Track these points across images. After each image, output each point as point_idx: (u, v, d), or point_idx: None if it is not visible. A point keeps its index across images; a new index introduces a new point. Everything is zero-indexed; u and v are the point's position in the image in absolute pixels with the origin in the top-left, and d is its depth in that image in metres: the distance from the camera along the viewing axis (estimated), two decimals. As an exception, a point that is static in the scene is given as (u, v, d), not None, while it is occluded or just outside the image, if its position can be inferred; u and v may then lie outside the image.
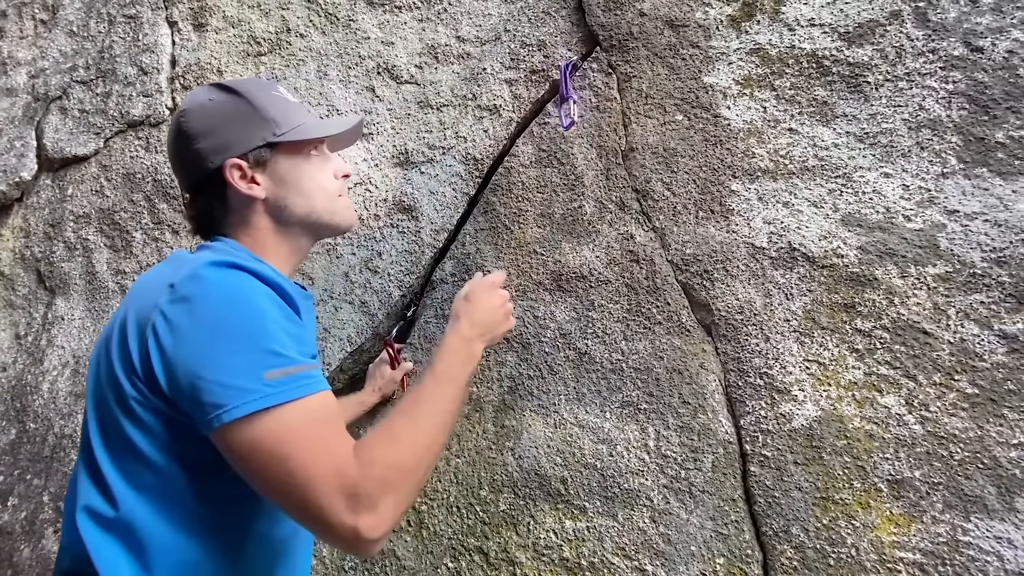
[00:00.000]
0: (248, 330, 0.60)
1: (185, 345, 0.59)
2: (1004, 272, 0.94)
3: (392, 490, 0.58)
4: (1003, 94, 1.01)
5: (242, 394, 0.57)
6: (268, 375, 0.58)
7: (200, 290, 0.61)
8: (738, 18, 1.21)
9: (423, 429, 0.65)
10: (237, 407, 0.56)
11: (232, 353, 0.58)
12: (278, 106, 0.79)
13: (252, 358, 0.58)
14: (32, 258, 1.75)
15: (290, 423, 0.57)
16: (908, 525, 0.89)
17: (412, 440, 0.63)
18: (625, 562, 1.02)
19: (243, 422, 0.56)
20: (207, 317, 0.60)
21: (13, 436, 1.60)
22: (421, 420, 0.66)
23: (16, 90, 1.92)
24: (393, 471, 0.59)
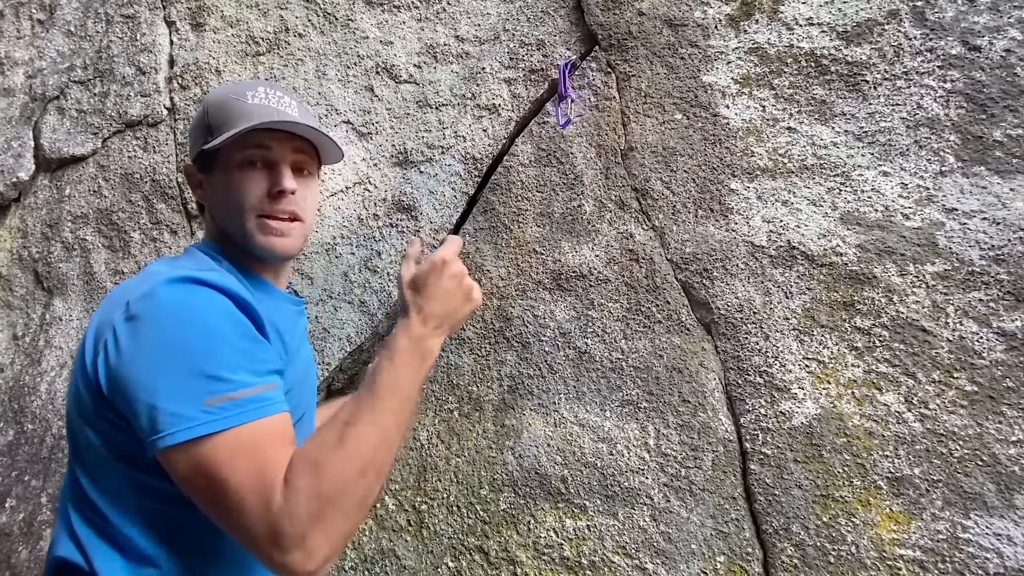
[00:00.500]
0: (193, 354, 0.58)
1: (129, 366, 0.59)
2: (1002, 270, 0.94)
3: (320, 521, 0.55)
4: (1000, 93, 1.01)
5: (180, 420, 0.56)
6: (208, 401, 0.57)
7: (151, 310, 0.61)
8: (737, 17, 1.21)
9: (356, 452, 0.59)
10: (173, 433, 0.56)
11: (174, 378, 0.57)
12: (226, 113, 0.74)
13: (194, 383, 0.57)
14: (30, 258, 1.74)
15: (225, 451, 0.56)
16: (908, 522, 0.90)
17: (341, 467, 0.57)
18: (626, 561, 1.02)
19: (180, 448, 0.56)
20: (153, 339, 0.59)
21: (11, 437, 1.59)
22: (352, 442, 0.59)
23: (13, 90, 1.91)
24: (319, 502, 0.55)
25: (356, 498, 0.58)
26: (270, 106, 0.75)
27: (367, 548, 1.18)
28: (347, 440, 0.59)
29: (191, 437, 0.55)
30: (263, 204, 0.74)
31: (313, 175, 0.81)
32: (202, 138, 0.76)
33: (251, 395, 0.59)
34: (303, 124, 0.74)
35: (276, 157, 0.75)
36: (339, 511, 0.56)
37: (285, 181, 0.74)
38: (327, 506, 0.56)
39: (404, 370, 0.65)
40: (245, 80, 0.91)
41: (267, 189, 0.74)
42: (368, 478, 0.59)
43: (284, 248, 0.75)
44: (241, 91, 0.76)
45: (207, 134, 0.75)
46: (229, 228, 0.75)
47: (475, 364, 1.22)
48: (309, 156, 0.79)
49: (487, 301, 1.25)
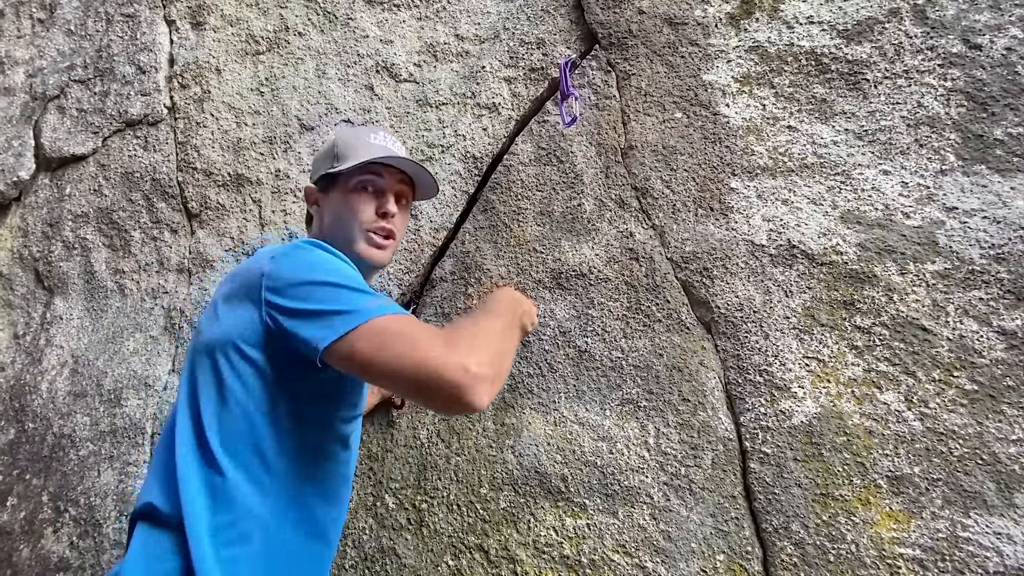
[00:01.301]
0: (344, 279, 0.75)
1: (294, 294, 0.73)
2: (1003, 269, 0.94)
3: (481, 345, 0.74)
4: (1001, 91, 1.01)
5: (349, 315, 0.71)
6: (363, 303, 0.72)
7: (302, 252, 0.78)
8: (737, 16, 1.21)
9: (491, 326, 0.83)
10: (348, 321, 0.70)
11: (335, 292, 0.73)
12: (353, 146, 0.93)
13: (353, 294, 0.73)
14: (30, 258, 1.74)
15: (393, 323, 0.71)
16: (908, 521, 0.90)
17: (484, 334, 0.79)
18: (625, 559, 1.02)
19: (353, 333, 0.70)
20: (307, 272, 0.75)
21: (12, 436, 1.60)
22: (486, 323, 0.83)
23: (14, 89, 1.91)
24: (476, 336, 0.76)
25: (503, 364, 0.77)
26: (387, 147, 0.96)
27: (367, 547, 1.18)
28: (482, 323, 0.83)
29: (365, 319, 0.70)
30: (371, 221, 0.92)
31: (408, 205, 1.00)
32: (328, 163, 0.95)
33: (392, 304, 0.76)
34: (413, 162, 0.95)
35: (384, 186, 0.94)
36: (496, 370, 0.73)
37: (390, 205, 0.93)
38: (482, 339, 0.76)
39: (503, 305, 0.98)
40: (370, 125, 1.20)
41: (375, 210, 0.93)
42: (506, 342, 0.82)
43: (381, 258, 0.93)
44: (367, 132, 0.98)
45: (333, 160, 0.94)
46: (338, 235, 0.92)
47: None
48: (408, 189, 0.99)
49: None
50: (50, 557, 1.45)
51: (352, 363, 0.71)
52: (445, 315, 1.28)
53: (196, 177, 1.59)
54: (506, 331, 0.88)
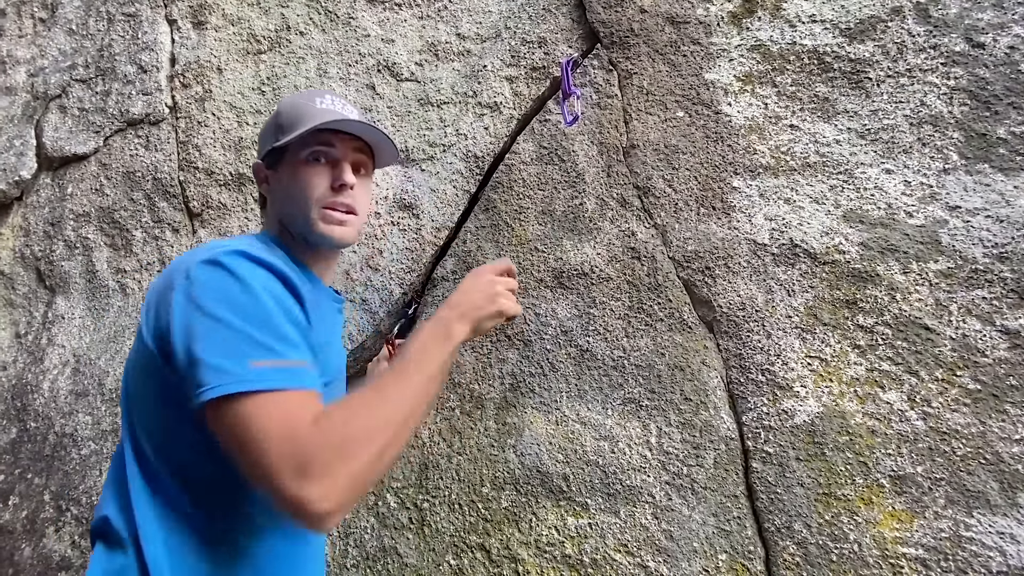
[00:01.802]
0: (245, 319, 0.63)
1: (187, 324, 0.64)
2: (1006, 268, 0.94)
3: (346, 458, 0.58)
4: (1004, 90, 1.01)
5: (225, 376, 0.60)
6: (254, 363, 0.61)
7: (209, 275, 0.66)
8: (739, 15, 1.21)
9: (385, 406, 0.64)
10: (217, 387, 0.60)
11: (225, 337, 0.62)
12: (298, 114, 0.82)
13: (243, 344, 0.62)
14: (32, 257, 1.74)
15: (262, 407, 0.60)
16: (910, 521, 0.89)
17: (372, 413, 0.63)
18: (627, 559, 1.02)
19: (220, 401, 0.60)
20: (210, 302, 0.64)
21: (14, 435, 1.60)
22: (384, 398, 0.65)
23: (15, 89, 1.91)
24: (348, 440, 0.60)
25: (377, 448, 0.61)
26: (336, 110, 0.84)
27: (369, 546, 1.18)
28: (382, 395, 0.66)
29: (233, 392, 0.60)
30: (325, 196, 0.81)
31: (368, 175, 0.89)
32: (273, 137, 0.84)
33: (292, 366, 0.63)
34: (368, 124, 0.83)
35: (339, 155, 0.83)
36: (364, 454, 0.60)
37: (346, 176, 0.82)
38: (357, 446, 0.60)
39: (430, 344, 0.74)
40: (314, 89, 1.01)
41: (329, 183, 0.82)
42: (390, 435, 0.63)
43: (342, 236, 0.82)
44: (311, 97, 0.85)
45: (278, 132, 0.83)
46: (292, 216, 0.82)
47: (476, 362, 1.22)
48: (367, 157, 0.88)
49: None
50: (52, 556, 1.45)
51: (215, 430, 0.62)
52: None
53: (197, 176, 1.59)
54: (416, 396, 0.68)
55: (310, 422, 0.60)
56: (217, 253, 0.68)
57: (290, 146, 0.82)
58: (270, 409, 0.60)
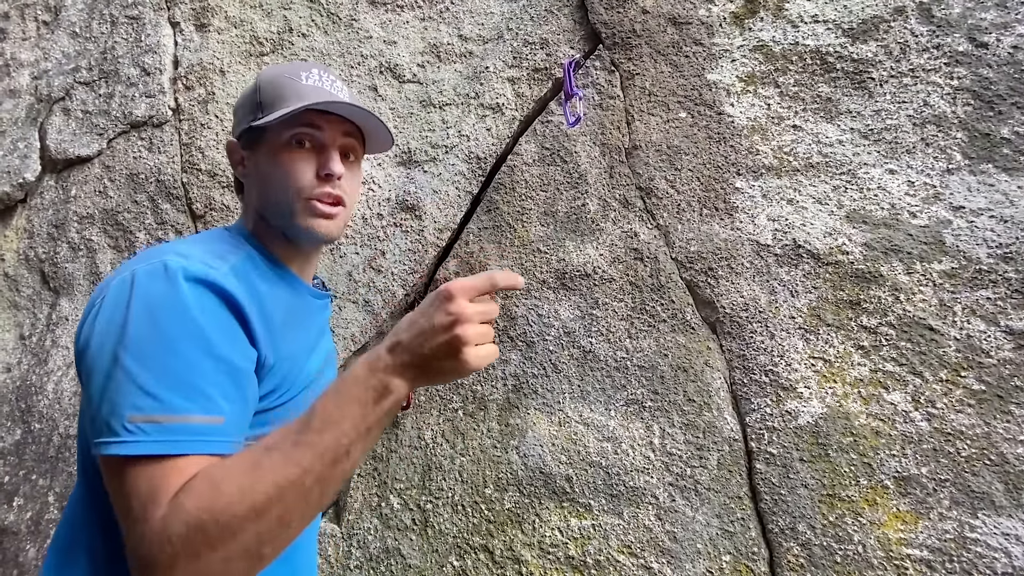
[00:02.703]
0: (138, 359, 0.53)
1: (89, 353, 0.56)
2: (1010, 268, 0.94)
3: (193, 555, 0.46)
4: (1008, 90, 1.00)
5: (107, 431, 0.52)
6: (132, 418, 0.51)
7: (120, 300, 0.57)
8: (741, 15, 1.20)
9: (259, 485, 0.48)
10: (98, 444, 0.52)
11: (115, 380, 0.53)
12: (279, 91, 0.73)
13: (127, 392, 0.52)
14: (36, 259, 1.75)
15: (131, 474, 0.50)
16: (915, 522, 0.89)
17: (237, 497, 0.48)
18: (631, 560, 1.02)
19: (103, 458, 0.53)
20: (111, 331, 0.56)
21: (18, 436, 1.60)
22: (263, 472, 0.49)
23: (19, 91, 1.92)
24: (197, 533, 0.47)
25: (245, 541, 0.48)
26: (324, 88, 0.74)
27: (372, 547, 1.18)
28: (259, 468, 0.49)
29: (107, 453, 0.51)
30: (311, 186, 0.72)
31: (358, 162, 0.79)
32: (251, 114, 0.74)
33: (177, 423, 0.52)
34: (360, 108, 0.73)
35: (326, 140, 0.73)
36: (220, 551, 0.47)
37: (334, 164, 0.72)
38: (207, 541, 0.47)
39: (349, 403, 0.52)
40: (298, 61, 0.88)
41: (315, 171, 0.72)
42: (266, 521, 0.48)
43: (328, 231, 0.73)
44: (295, 71, 0.75)
45: (257, 110, 0.74)
46: (271, 206, 0.73)
47: (479, 363, 1.22)
48: (357, 142, 0.78)
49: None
50: (56, 557, 1.46)
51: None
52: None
53: (200, 178, 1.60)
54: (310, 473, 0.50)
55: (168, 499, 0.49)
56: (140, 267, 0.59)
57: (270, 127, 0.72)
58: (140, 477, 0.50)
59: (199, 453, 0.52)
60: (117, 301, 0.57)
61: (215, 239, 0.71)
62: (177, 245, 0.65)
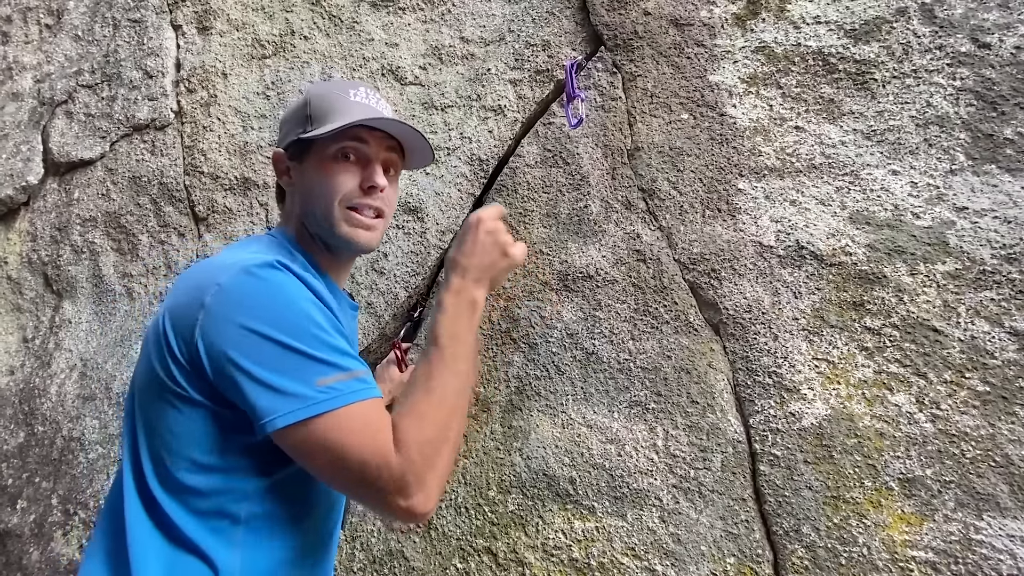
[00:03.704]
0: (298, 334, 0.62)
1: (236, 345, 0.61)
2: (1014, 269, 0.94)
3: (431, 464, 0.62)
4: (1011, 90, 1.00)
5: (295, 400, 0.60)
6: (320, 382, 0.61)
7: (247, 290, 0.63)
8: (743, 16, 1.20)
9: (443, 399, 0.66)
10: (291, 413, 0.59)
11: (284, 359, 0.60)
12: (329, 106, 0.78)
13: (304, 363, 0.61)
14: (39, 262, 1.75)
15: (343, 426, 0.61)
16: (920, 524, 0.89)
17: (435, 414, 0.65)
18: (635, 562, 1.01)
19: (297, 426, 0.60)
20: (257, 319, 0.61)
21: (21, 439, 1.60)
22: (438, 391, 0.66)
23: (22, 95, 1.93)
24: (427, 447, 0.63)
25: (452, 438, 0.66)
26: (371, 105, 0.80)
27: (375, 549, 1.18)
28: (433, 392, 0.66)
29: (309, 416, 0.59)
30: (353, 196, 0.77)
31: (397, 176, 0.85)
32: (300, 126, 0.79)
33: (355, 377, 0.63)
34: (406, 125, 0.79)
35: (371, 154, 0.78)
36: (444, 452, 0.64)
37: (377, 177, 0.77)
38: (434, 450, 0.63)
39: (457, 320, 0.72)
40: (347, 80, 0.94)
41: (359, 182, 0.77)
42: (457, 418, 0.67)
43: (368, 241, 0.78)
44: (344, 88, 0.81)
45: (306, 123, 0.78)
46: (314, 215, 0.78)
47: (482, 365, 1.22)
48: (398, 156, 0.83)
49: (494, 302, 1.25)
50: (59, 560, 1.46)
51: (294, 454, 0.62)
52: (452, 317, 1.28)
53: (203, 181, 1.60)
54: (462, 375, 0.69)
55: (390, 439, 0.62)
56: (248, 265, 0.64)
57: (318, 139, 0.77)
58: (352, 426, 0.61)
59: (376, 395, 0.65)
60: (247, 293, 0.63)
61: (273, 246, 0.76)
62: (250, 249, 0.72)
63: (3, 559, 1.53)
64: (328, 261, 0.81)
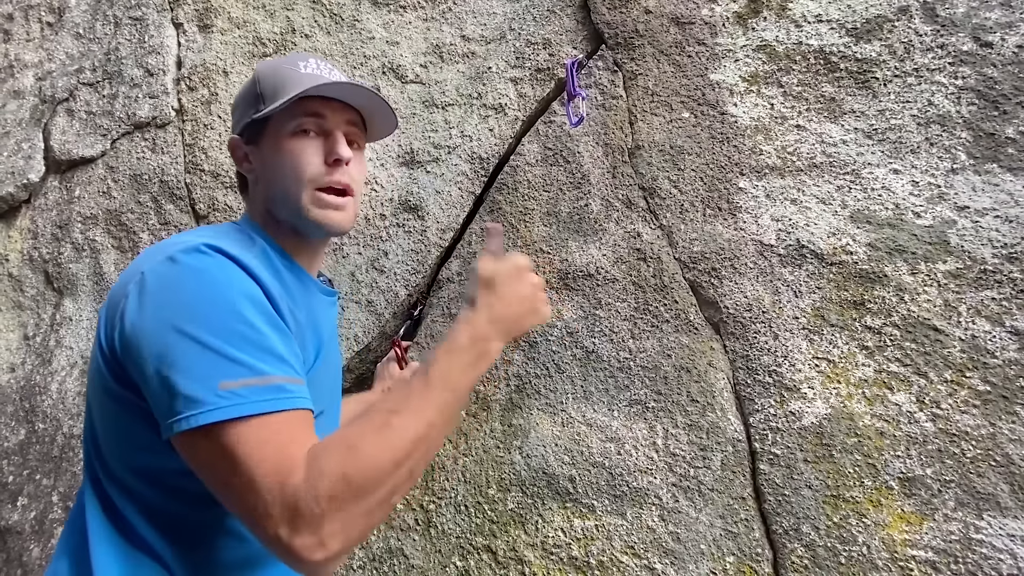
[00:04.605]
0: (211, 331, 0.54)
1: (142, 339, 0.55)
2: (1015, 268, 0.93)
3: (341, 509, 0.50)
4: (1013, 89, 1.00)
5: (193, 404, 0.52)
6: (223, 385, 0.52)
7: (167, 280, 0.57)
8: (744, 15, 1.20)
9: (396, 441, 0.54)
10: (187, 417, 0.52)
11: (189, 356, 0.53)
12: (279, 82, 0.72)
13: (210, 364, 0.53)
14: (40, 259, 1.75)
15: (239, 438, 0.52)
16: (920, 523, 0.89)
17: (378, 454, 0.53)
18: (634, 561, 1.01)
19: (191, 433, 0.52)
20: (169, 311, 0.55)
21: (22, 436, 1.61)
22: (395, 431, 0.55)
23: (23, 92, 1.93)
24: (345, 487, 0.50)
25: (384, 492, 0.53)
26: (323, 75, 0.73)
27: (375, 547, 1.18)
28: (390, 428, 0.55)
29: (203, 423, 0.52)
30: (319, 175, 0.71)
31: (362, 150, 0.79)
32: (252, 107, 0.73)
33: (270, 384, 0.54)
34: (363, 87, 0.72)
35: (330, 126, 0.72)
36: (363, 503, 0.51)
37: (341, 148, 0.71)
38: (353, 494, 0.51)
39: (460, 366, 0.62)
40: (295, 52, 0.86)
41: (323, 158, 0.71)
42: (401, 473, 0.54)
43: (340, 222, 0.72)
44: (293, 61, 0.74)
45: (258, 102, 0.72)
46: (279, 200, 0.72)
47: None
48: (359, 130, 0.78)
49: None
50: (60, 557, 1.46)
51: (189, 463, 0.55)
52: (452, 316, 1.28)
53: (204, 179, 1.60)
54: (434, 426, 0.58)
55: (302, 459, 0.52)
56: (175, 251, 0.58)
57: (272, 118, 0.71)
58: (251, 439, 0.51)
59: (299, 408, 0.55)
60: (165, 283, 0.57)
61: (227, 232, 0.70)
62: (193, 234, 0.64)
63: (3, 556, 1.53)
64: (295, 246, 0.75)
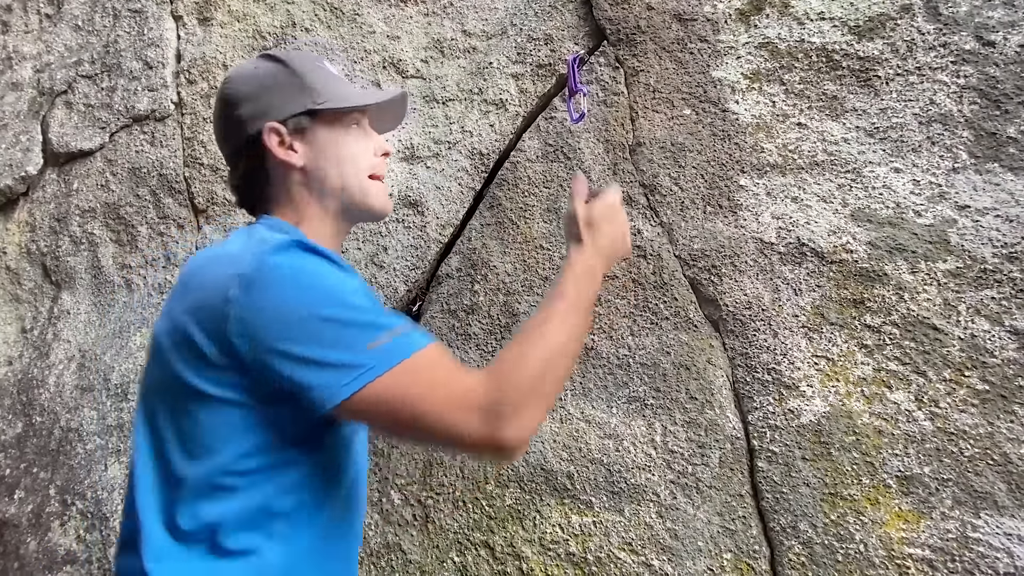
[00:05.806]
0: (334, 305, 0.60)
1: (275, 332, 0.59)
2: (1015, 268, 0.93)
3: (532, 393, 0.61)
4: (1015, 89, 1.00)
5: (352, 370, 0.58)
6: (370, 345, 0.59)
7: (275, 274, 0.61)
8: (747, 12, 1.20)
9: (551, 345, 0.65)
10: (349, 383, 0.58)
11: (324, 331, 0.59)
12: (321, 77, 0.77)
13: (350, 334, 0.59)
14: (38, 252, 1.75)
15: (406, 381, 0.59)
16: (917, 521, 0.89)
17: (541, 355, 0.64)
18: (632, 557, 1.02)
19: (359, 395, 0.58)
20: (290, 300, 0.60)
21: (19, 429, 1.60)
22: (550, 337, 0.66)
23: (21, 84, 1.92)
24: (524, 380, 0.61)
25: (555, 376, 0.64)
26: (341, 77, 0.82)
27: (373, 542, 1.18)
28: (547, 335, 0.66)
29: (369, 380, 0.58)
30: (373, 165, 0.79)
31: None
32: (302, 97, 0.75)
33: (402, 332, 0.62)
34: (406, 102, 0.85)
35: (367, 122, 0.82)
36: (543, 386, 0.62)
37: (386, 144, 0.81)
38: (530, 386, 0.61)
39: (584, 283, 0.73)
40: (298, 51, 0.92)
41: (374, 150, 0.80)
42: (565, 360, 0.66)
43: (389, 206, 0.82)
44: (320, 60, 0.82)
45: (312, 94, 0.75)
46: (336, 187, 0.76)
47: (481, 360, 1.22)
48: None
49: (493, 297, 1.24)
50: (57, 550, 1.46)
51: (367, 422, 0.64)
52: (451, 312, 1.28)
53: (203, 172, 1.59)
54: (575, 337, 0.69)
55: (468, 372, 0.62)
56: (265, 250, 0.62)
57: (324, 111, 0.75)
58: (420, 375, 0.60)
59: (431, 339, 0.64)
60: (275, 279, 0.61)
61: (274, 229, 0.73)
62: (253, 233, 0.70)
63: (1, 549, 1.53)
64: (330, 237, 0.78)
